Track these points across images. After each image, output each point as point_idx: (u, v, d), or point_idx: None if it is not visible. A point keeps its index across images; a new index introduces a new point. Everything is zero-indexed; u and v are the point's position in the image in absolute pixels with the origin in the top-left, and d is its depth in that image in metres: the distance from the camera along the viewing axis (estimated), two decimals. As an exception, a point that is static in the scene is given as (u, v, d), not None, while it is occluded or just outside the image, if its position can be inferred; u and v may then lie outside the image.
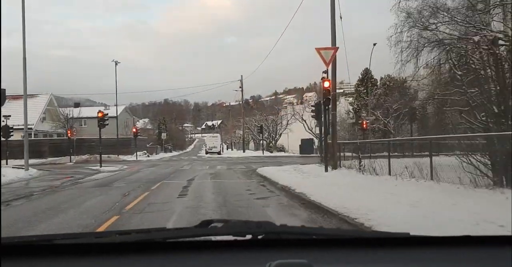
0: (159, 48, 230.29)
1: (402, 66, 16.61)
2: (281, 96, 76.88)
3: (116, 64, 43.04)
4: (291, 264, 1.15)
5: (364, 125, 35.22)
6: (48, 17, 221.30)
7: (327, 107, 16.41)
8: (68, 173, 21.42)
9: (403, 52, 16.16)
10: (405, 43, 16.05)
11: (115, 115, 50.94)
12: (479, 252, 1.40)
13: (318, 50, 15.54)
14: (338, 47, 16.31)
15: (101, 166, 24.35)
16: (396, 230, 1.88)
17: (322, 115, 17.37)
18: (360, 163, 15.01)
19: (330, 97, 15.91)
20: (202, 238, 1.44)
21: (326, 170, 16.00)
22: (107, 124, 27.08)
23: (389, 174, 12.35)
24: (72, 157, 36.41)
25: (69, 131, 38.54)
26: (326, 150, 17.37)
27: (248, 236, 1.39)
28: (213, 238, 1.45)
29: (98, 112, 25.53)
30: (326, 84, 15.94)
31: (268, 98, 72.81)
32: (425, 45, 15.52)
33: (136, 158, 39.38)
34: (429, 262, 1.32)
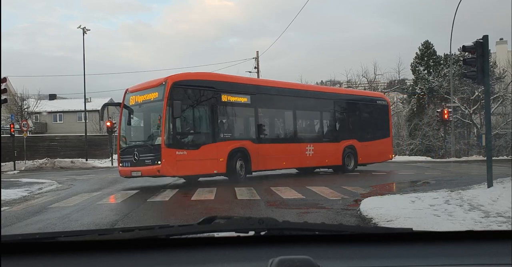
0: (161, 49, 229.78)
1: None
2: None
3: (84, 32, 33.29)
4: (293, 260, 1.15)
5: (445, 115, 27.65)
6: (51, 19, 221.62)
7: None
8: None
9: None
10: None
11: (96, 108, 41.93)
12: (482, 247, 1.40)
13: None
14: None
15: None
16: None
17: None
18: None
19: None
20: (205, 234, 1.45)
21: None
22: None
23: None
24: (21, 162, 26.64)
25: (11, 126, 25.89)
26: None
27: (251, 232, 1.40)
28: (216, 234, 1.46)
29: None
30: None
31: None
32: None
33: (112, 164, 27.87)
34: (432, 258, 1.32)
